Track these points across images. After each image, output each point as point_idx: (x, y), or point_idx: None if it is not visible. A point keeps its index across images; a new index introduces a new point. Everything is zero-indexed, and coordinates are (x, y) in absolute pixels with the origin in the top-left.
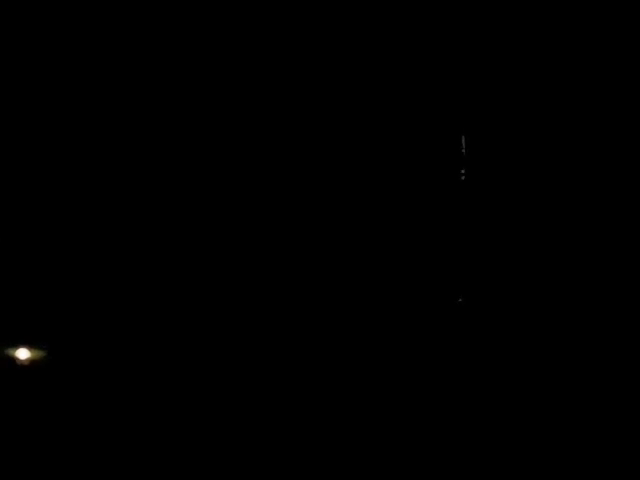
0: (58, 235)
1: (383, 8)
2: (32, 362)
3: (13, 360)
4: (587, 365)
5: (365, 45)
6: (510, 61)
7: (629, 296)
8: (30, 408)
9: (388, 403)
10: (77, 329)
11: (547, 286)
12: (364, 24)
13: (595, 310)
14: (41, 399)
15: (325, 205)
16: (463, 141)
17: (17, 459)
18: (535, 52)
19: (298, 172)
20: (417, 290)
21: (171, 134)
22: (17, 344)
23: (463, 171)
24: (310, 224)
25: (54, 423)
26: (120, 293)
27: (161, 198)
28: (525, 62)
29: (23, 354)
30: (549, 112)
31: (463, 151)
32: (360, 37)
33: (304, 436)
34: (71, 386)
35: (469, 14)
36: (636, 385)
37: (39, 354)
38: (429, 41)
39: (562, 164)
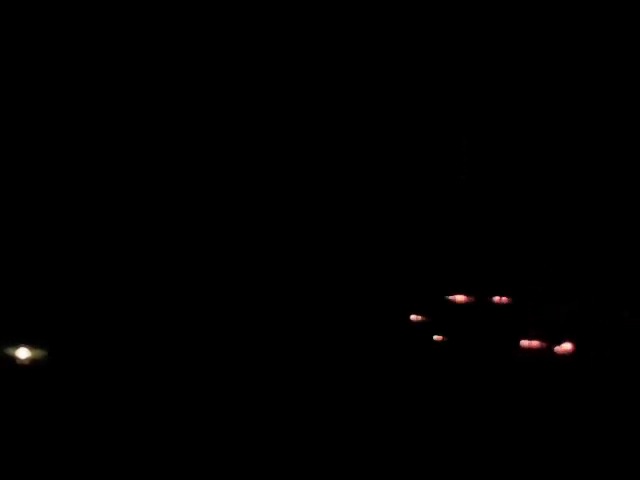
0: (57, 236)
1: (383, 9)
2: (32, 362)
3: (13, 360)
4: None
5: (365, 47)
6: (510, 62)
7: (625, 296)
8: (30, 407)
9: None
10: (77, 329)
11: (545, 283)
12: (364, 26)
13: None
14: (41, 399)
15: (324, 205)
16: (463, 141)
17: (17, 458)
18: (534, 53)
19: (298, 172)
20: (416, 288)
21: (168, 135)
22: (17, 344)
23: (463, 171)
24: (309, 224)
25: (54, 422)
26: (119, 294)
27: (159, 200)
28: (524, 63)
29: (23, 354)
30: (548, 113)
31: (463, 151)
32: (360, 39)
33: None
34: (71, 386)
35: (469, 15)
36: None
37: (39, 354)
38: (429, 43)
39: (561, 163)
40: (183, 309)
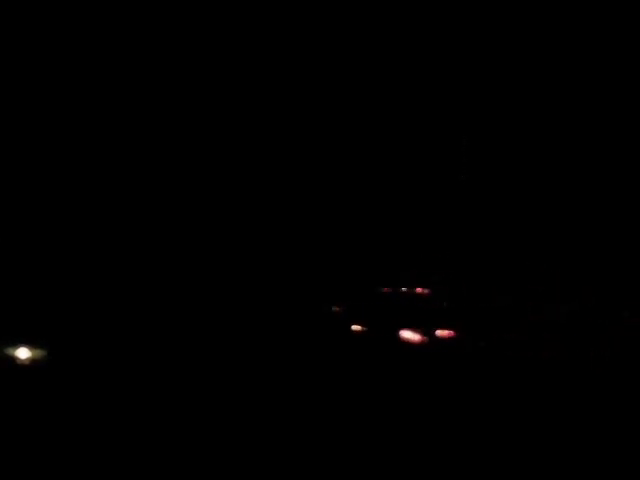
0: (57, 236)
1: (384, 10)
2: (32, 362)
3: (13, 360)
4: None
5: (366, 47)
6: (509, 63)
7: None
8: (30, 407)
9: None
10: (77, 329)
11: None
12: (364, 26)
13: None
14: (41, 398)
15: (322, 203)
16: (463, 141)
17: (17, 458)
18: (534, 54)
19: (298, 172)
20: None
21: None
22: (17, 344)
23: (463, 171)
24: (306, 222)
25: (54, 422)
26: (118, 294)
27: (157, 201)
28: (524, 64)
29: (23, 354)
30: (548, 113)
31: (463, 151)
32: (361, 39)
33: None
34: (71, 386)
35: (469, 15)
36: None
37: (39, 354)
38: (430, 43)
39: (561, 163)
40: (180, 308)
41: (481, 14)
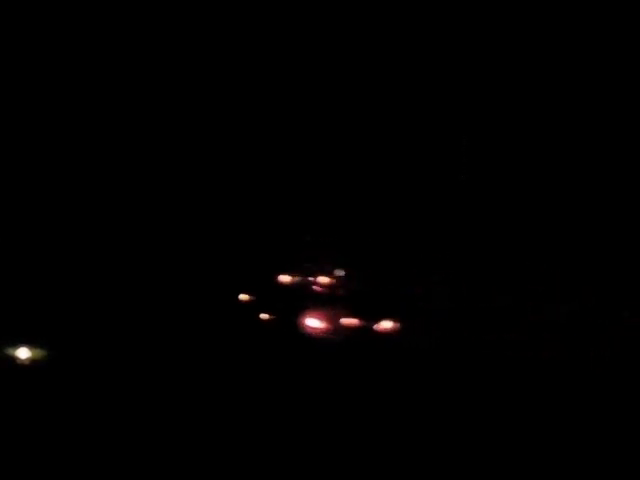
0: (57, 237)
1: (384, 9)
2: (32, 362)
3: (13, 360)
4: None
5: (366, 48)
6: (509, 63)
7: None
8: (30, 407)
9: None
10: (77, 329)
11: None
12: (365, 27)
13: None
14: (41, 398)
15: (323, 201)
16: (463, 141)
17: (17, 458)
18: (534, 54)
19: (298, 171)
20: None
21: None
22: (17, 344)
23: (463, 171)
24: (306, 220)
25: (54, 422)
26: (118, 294)
27: (158, 203)
28: (524, 64)
29: (23, 354)
30: (547, 113)
31: (463, 151)
32: (362, 40)
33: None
34: (71, 386)
35: (469, 16)
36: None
37: (39, 354)
38: (430, 44)
39: (560, 164)
40: (179, 308)
41: (481, 14)
